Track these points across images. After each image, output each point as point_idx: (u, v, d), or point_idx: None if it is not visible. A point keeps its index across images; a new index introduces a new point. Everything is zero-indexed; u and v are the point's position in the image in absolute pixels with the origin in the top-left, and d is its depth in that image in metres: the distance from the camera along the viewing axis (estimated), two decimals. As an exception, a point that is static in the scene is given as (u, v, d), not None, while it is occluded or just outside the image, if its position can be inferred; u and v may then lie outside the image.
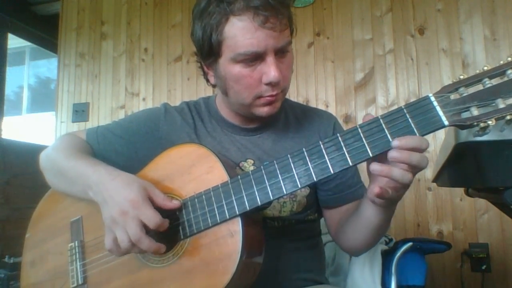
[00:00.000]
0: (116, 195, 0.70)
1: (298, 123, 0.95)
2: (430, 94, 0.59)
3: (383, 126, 0.61)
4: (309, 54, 2.28)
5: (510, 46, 1.96)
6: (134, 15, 2.66)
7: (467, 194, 0.98)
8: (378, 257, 1.12)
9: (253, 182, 0.69)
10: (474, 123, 0.56)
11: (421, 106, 0.59)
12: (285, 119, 0.95)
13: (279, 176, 0.67)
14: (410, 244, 1.20)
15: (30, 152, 1.55)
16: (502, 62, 0.56)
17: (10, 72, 3.66)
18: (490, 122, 0.55)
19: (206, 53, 0.81)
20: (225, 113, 0.94)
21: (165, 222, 0.70)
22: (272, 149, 0.91)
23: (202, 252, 0.71)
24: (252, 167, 0.88)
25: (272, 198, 0.68)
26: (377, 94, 2.15)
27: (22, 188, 2.55)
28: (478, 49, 2.01)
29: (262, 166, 0.69)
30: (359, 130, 0.62)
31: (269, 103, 0.81)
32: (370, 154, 0.61)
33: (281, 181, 0.67)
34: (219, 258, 0.68)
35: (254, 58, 0.76)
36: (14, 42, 3.42)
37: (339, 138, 0.63)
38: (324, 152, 0.64)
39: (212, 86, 0.90)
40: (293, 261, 0.90)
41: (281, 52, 0.78)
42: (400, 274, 1.17)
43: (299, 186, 0.66)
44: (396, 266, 1.14)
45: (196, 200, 0.73)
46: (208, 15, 0.77)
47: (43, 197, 0.97)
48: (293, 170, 0.66)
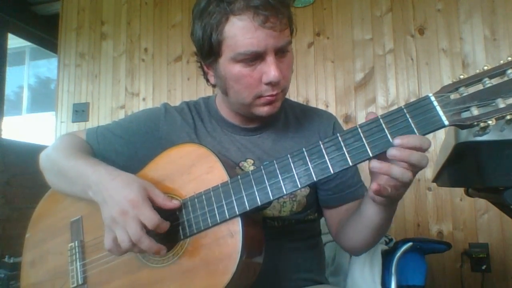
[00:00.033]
0: (116, 195, 0.70)
1: (298, 123, 0.95)
2: (430, 94, 0.59)
3: (383, 126, 0.61)
4: (309, 54, 2.27)
5: (510, 46, 1.96)
6: (134, 15, 2.66)
7: (467, 194, 0.98)
8: (378, 257, 1.12)
9: (253, 182, 0.69)
10: (474, 123, 0.56)
11: (421, 106, 0.59)
12: (285, 119, 0.95)
13: (279, 176, 0.67)
14: (410, 244, 1.20)
15: (30, 152, 1.55)
16: (502, 61, 0.56)
17: (10, 72, 3.66)
18: (490, 122, 0.55)
19: (206, 53, 0.80)
20: (225, 113, 0.94)
21: (164, 223, 0.70)
22: (272, 149, 0.90)
23: (202, 252, 0.71)
24: (252, 167, 0.88)
25: (272, 198, 0.68)
26: (377, 94, 2.15)
27: (22, 188, 2.56)
28: (478, 49, 2.01)
29: (262, 166, 0.69)
30: (359, 130, 0.62)
31: (269, 103, 0.81)
32: (370, 154, 0.61)
33: (281, 181, 0.67)
34: (219, 258, 0.68)
35: (254, 58, 0.76)
36: (14, 42, 3.42)
37: (339, 138, 0.63)
38: (324, 152, 0.64)
39: (212, 86, 0.90)
40: (293, 261, 0.90)
41: (281, 51, 0.78)
42: (400, 274, 1.17)
43: (299, 186, 0.66)
44: (396, 266, 1.14)
45: (196, 200, 0.73)
46: (208, 15, 0.77)
47: (43, 197, 0.97)
48: (293, 170, 0.66)
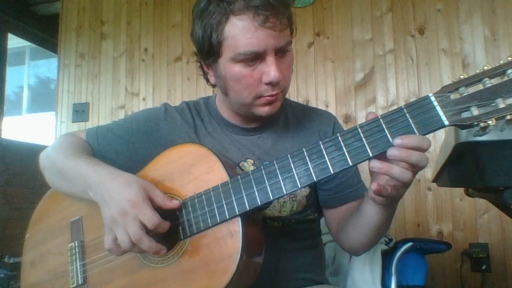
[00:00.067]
0: (116, 195, 0.70)
1: (298, 123, 0.95)
2: (430, 94, 0.59)
3: (383, 126, 0.61)
4: (309, 54, 2.28)
5: (510, 46, 1.96)
6: (134, 15, 2.66)
7: (467, 194, 0.99)
8: (378, 257, 1.12)
9: (253, 182, 0.69)
10: (474, 123, 0.56)
11: (421, 106, 0.59)
12: (285, 119, 0.95)
13: (279, 176, 0.67)
14: (410, 244, 1.20)
15: (30, 152, 1.55)
16: (502, 61, 0.56)
17: (10, 72, 3.66)
18: (490, 122, 0.54)
19: (206, 53, 0.80)
20: (225, 113, 0.94)
21: (164, 223, 0.70)
22: (272, 149, 0.90)
23: (202, 252, 0.71)
24: (252, 167, 0.88)
25: (272, 198, 0.67)
26: (377, 94, 2.15)
27: (22, 188, 2.56)
28: (478, 49, 2.01)
29: (262, 166, 0.69)
30: (359, 130, 0.62)
31: (269, 103, 0.81)
32: (370, 154, 0.61)
33: (281, 181, 0.67)
34: (219, 258, 0.68)
35: (254, 58, 0.76)
36: (14, 42, 3.42)
37: (339, 138, 0.63)
38: (324, 152, 0.64)
39: (212, 86, 0.90)
40: (293, 261, 0.90)
41: (281, 51, 0.78)
42: (400, 274, 1.18)
43: (299, 186, 0.66)
44: (396, 266, 1.14)
45: (196, 200, 0.73)
46: (208, 15, 0.77)
47: (43, 197, 0.97)
48: (293, 170, 0.66)
